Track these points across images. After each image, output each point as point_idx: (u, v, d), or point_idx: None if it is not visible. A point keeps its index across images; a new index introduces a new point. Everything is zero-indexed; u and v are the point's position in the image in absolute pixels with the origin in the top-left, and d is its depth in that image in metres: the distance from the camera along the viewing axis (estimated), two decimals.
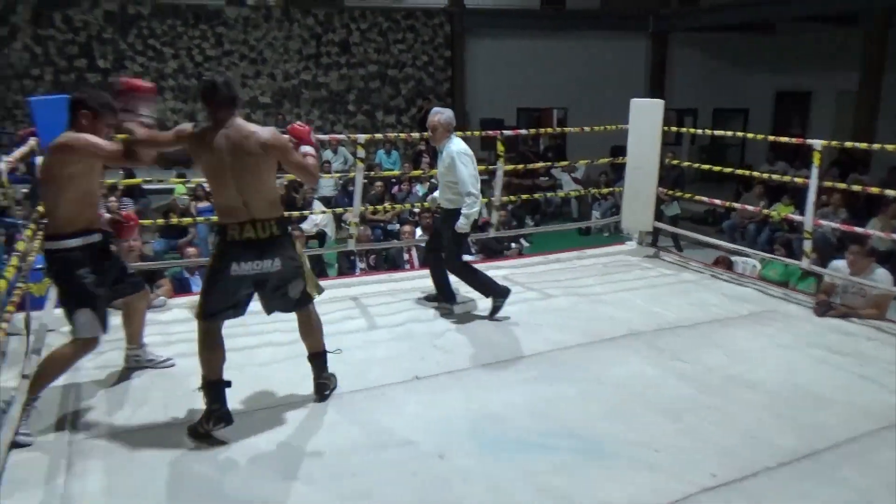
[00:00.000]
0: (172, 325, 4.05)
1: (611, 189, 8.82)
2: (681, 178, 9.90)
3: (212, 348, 2.88)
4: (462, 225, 4.10)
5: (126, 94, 3.05)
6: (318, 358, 3.18)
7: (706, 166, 6.30)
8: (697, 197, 6.16)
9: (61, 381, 3.10)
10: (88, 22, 13.10)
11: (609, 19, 15.64)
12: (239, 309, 2.98)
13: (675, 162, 7.27)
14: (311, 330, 3.15)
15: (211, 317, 2.88)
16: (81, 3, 13.11)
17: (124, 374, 3.40)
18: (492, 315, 4.23)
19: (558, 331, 4.05)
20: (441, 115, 4.27)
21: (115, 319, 3.27)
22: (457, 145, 4.20)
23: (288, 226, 3.07)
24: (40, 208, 3.65)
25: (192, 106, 13.76)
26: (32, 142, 3.93)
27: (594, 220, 11.08)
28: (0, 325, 2.90)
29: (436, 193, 4.57)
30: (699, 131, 6.30)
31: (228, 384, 2.88)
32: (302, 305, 3.08)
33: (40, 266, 3.39)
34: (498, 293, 4.25)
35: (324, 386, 3.18)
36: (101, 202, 3.31)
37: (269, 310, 3.09)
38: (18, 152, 3.78)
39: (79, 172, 2.88)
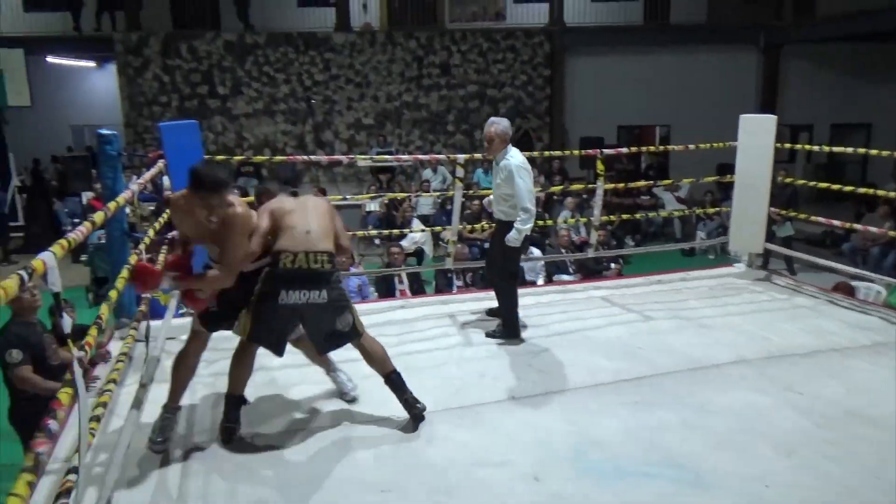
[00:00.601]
0: None
1: (717, 209, 8.48)
2: (794, 197, 9.35)
3: (248, 366, 3.05)
4: (513, 238, 4.01)
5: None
6: (390, 379, 3.16)
7: (823, 184, 5.93)
8: (813, 217, 5.79)
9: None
10: (211, 52, 14.10)
11: (717, 33, 15.09)
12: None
13: (788, 180, 6.88)
14: (372, 358, 3.16)
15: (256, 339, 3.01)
16: (206, 34, 14.15)
17: None
18: (491, 335, 4.21)
19: (661, 355, 3.92)
20: (497, 125, 4.16)
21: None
22: (515, 158, 4.09)
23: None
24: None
25: (300, 128, 14.48)
26: (161, 164, 4.25)
27: (699, 241, 10.65)
28: (129, 332, 3.16)
29: (488, 199, 4.54)
30: (815, 148, 5.95)
31: (246, 402, 3.10)
32: (355, 338, 3.09)
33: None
34: (513, 331, 4.20)
35: (413, 401, 3.14)
36: None
37: (322, 348, 3.14)
38: (148, 174, 4.11)
39: None
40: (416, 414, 3.13)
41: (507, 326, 4.23)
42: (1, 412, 4.14)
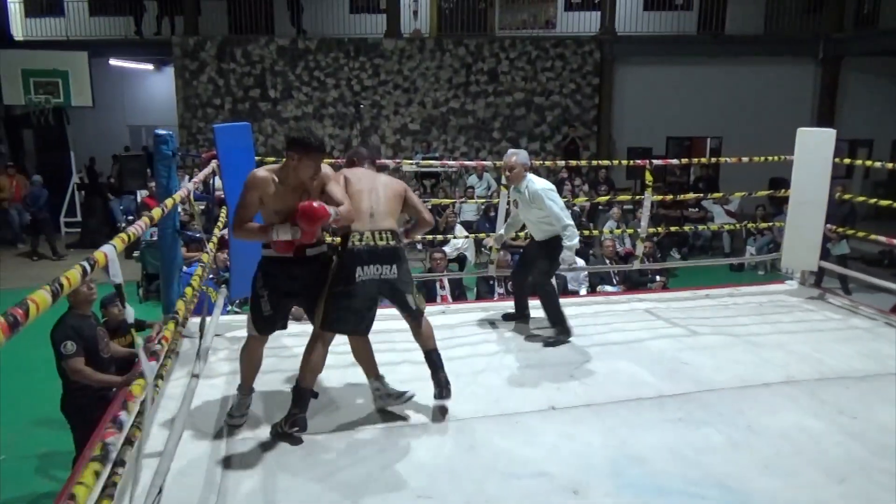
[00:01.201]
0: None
1: (769, 224, 8.25)
2: (851, 214, 9.05)
3: (321, 358, 3.11)
4: (568, 257, 4.19)
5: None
6: (430, 356, 3.28)
7: (884, 202, 5.71)
8: (872, 236, 5.58)
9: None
10: (264, 56, 14.42)
11: (773, 44, 14.72)
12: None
13: (846, 196, 6.66)
14: (422, 334, 3.31)
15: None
16: (259, 39, 14.48)
17: None
18: (547, 344, 4.22)
19: (706, 371, 3.82)
20: (517, 155, 4.28)
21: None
22: (539, 183, 4.21)
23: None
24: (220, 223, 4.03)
25: (348, 132, 14.67)
26: (214, 164, 4.35)
27: (749, 257, 10.38)
28: (177, 328, 3.24)
29: (501, 230, 4.75)
30: (875, 164, 5.73)
31: (316, 395, 3.12)
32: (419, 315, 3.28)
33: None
34: (564, 329, 4.28)
35: (441, 383, 3.23)
36: None
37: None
38: (202, 174, 4.21)
39: None
40: (442, 394, 3.21)
41: (557, 324, 4.29)
42: (55, 401, 4.29)
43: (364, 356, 3.32)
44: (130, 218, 11.70)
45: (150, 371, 2.09)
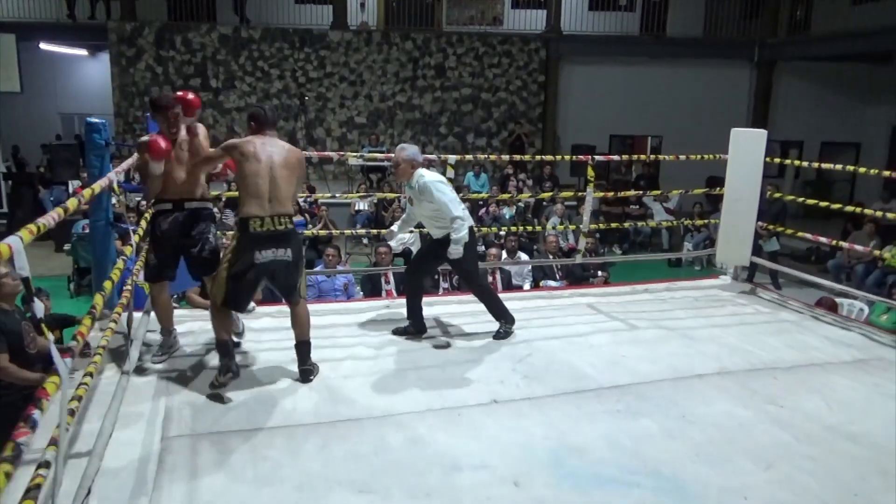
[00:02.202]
0: (263, 332, 4.21)
1: (705, 221, 8.52)
2: (782, 212, 9.42)
3: (228, 318, 3.48)
4: (455, 252, 3.97)
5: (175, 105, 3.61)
6: (302, 346, 3.52)
7: (812, 201, 5.97)
8: (800, 233, 5.83)
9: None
10: (205, 44, 14.02)
11: (712, 47, 15.21)
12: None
13: (777, 195, 6.93)
14: (299, 322, 3.52)
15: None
16: (201, 27, 14.07)
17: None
18: (497, 336, 4.24)
19: (644, 363, 3.92)
20: (404, 150, 4.10)
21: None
22: (429, 176, 4.05)
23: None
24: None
25: (292, 124, 14.42)
26: None
27: (686, 252, 10.71)
28: (108, 324, 3.12)
29: (394, 227, 4.45)
30: (804, 164, 5.99)
31: (237, 344, 3.56)
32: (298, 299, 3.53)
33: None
34: (508, 319, 4.29)
35: (308, 372, 3.50)
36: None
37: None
38: (126, 162, 4.06)
39: None
40: (309, 380, 3.49)
41: (502, 317, 4.28)
42: None
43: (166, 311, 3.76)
44: None
45: (63, 368, 2.00)
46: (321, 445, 2.92)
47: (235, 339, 3.73)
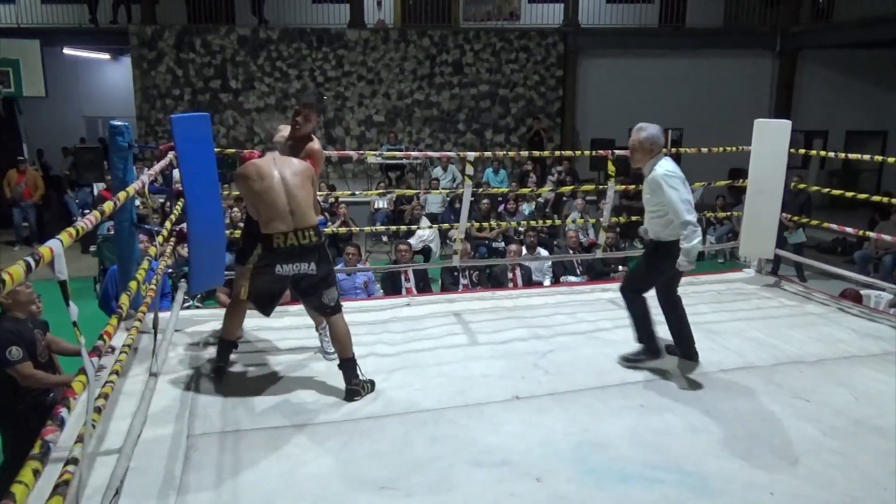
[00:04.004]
0: (288, 331, 4.25)
1: (728, 213, 8.42)
2: (807, 203, 9.28)
3: (241, 316, 3.55)
4: (684, 263, 3.45)
5: None
6: (344, 365, 3.39)
7: (837, 191, 5.87)
8: (826, 224, 5.74)
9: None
10: (224, 46, 14.15)
11: (732, 37, 14.99)
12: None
13: (801, 186, 6.83)
14: (338, 338, 3.42)
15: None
16: (220, 29, 14.19)
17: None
18: (627, 360, 3.80)
19: (667, 359, 3.88)
20: (642, 131, 3.69)
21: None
22: (662, 166, 3.59)
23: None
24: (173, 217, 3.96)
25: None
26: (171, 156, 4.25)
27: (708, 245, 10.58)
28: (134, 323, 3.17)
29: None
30: (830, 154, 5.89)
31: (235, 346, 3.61)
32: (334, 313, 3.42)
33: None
34: (651, 349, 3.75)
35: (353, 392, 3.34)
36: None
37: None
38: (158, 165, 4.11)
39: None
40: (349, 399, 3.33)
41: (643, 344, 3.76)
42: None
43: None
44: (86, 211, 11.38)
45: (90, 368, 2.03)
46: (344, 443, 2.94)
47: (329, 353, 3.74)
